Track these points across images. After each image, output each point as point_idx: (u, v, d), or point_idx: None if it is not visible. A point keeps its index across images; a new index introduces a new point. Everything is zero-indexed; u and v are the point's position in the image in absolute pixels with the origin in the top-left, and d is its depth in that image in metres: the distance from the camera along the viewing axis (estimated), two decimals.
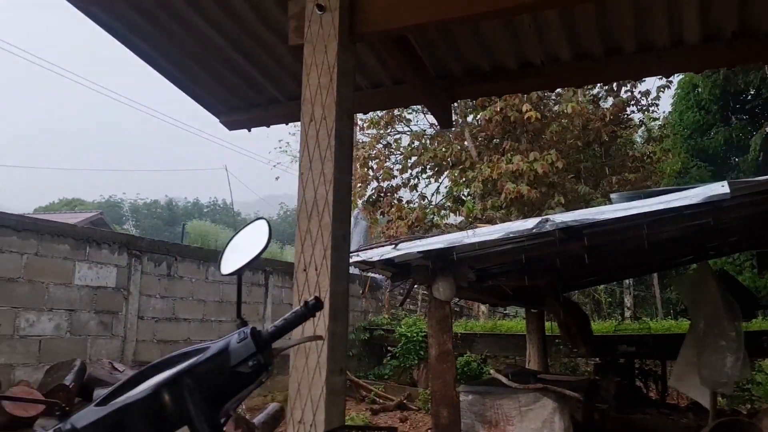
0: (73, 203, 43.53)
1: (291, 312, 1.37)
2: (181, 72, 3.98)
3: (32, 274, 6.01)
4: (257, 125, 4.38)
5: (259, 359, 1.25)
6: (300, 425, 2.54)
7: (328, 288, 2.55)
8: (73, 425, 1.20)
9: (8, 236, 5.81)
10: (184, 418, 1.15)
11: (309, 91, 2.71)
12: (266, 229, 1.51)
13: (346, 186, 2.74)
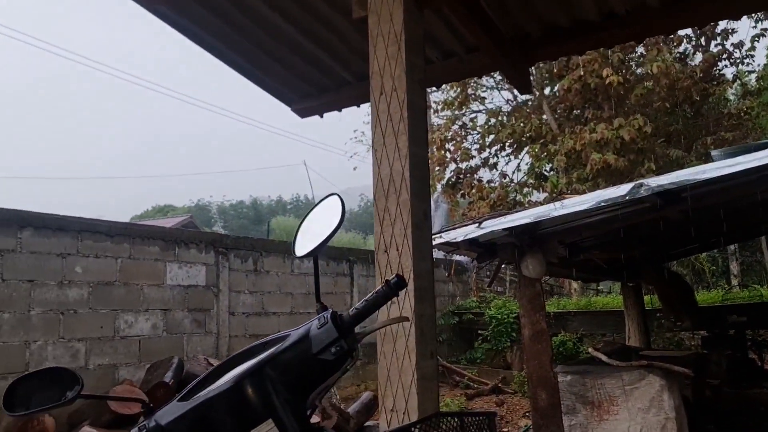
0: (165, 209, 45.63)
1: (372, 292, 1.25)
2: (251, 63, 3.94)
3: (127, 277, 6.23)
4: (329, 110, 4.30)
5: (342, 345, 1.15)
6: (392, 413, 2.42)
7: (411, 268, 2.42)
8: (158, 422, 1.17)
9: (102, 242, 6.03)
10: (268, 409, 1.09)
11: (377, 63, 2.57)
12: (339, 205, 1.39)
13: (422, 160, 2.59)
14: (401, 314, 2.37)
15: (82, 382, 1.64)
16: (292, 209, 54.12)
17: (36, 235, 5.53)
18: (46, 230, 5.60)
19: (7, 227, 5.33)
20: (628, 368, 5.09)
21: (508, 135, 13.69)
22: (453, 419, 1.36)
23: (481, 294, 12.32)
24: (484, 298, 11.99)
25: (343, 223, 1.38)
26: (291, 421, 1.08)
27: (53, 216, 5.74)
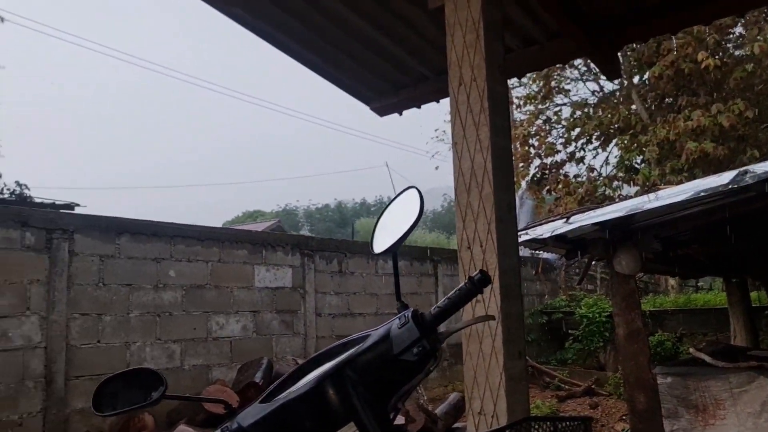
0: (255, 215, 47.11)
1: (455, 290, 1.17)
2: (328, 62, 3.95)
3: (217, 279, 6.42)
4: (407, 107, 4.24)
5: (424, 345, 1.09)
6: (480, 416, 2.32)
7: (496, 264, 2.31)
8: (240, 423, 1.14)
9: (194, 246, 6.25)
10: (349, 412, 1.05)
11: (455, 53, 2.48)
12: (417, 198, 1.32)
13: (505, 151, 2.48)
14: (486, 313, 2.27)
15: (166, 383, 1.64)
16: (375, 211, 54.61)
17: (132, 241, 5.79)
18: (142, 236, 5.85)
19: (106, 234, 5.61)
20: (736, 370, 4.75)
21: (595, 127, 13.18)
22: (545, 424, 1.27)
23: (570, 292, 11.91)
24: (573, 297, 11.58)
25: (426, 223, 1.30)
26: (372, 423, 1.04)
27: (148, 222, 5.99)
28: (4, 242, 4.98)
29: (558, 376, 9.10)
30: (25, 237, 5.11)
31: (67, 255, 5.31)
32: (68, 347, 5.25)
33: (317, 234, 49.75)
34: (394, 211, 1.39)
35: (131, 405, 1.66)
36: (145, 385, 1.62)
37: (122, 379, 1.64)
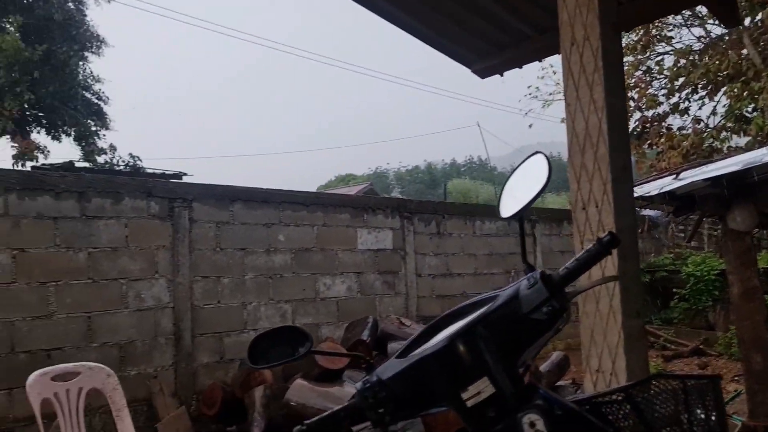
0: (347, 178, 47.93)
1: (583, 251, 1.21)
2: (428, 26, 3.98)
3: (323, 243, 6.69)
4: (509, 67, 4.21)
5: (553, 305, 1.13)
6: (598, 374, 2.37)
7: (612, 225, 2.32)
8: (379, 377, 1.23)
9: (300, 211, 6.53)
10: (481, 368, 1.11)
11: (566, 12, 2.47)
12: (545, 164, 1.35)
13: (620, 110, 2.46)
14: (604, 273, 2.30)
15: (312, 339, 1.81)
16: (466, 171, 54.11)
17: (245, 208, 6.13)
18: (253, 203, 6.18)
19: (221, 202, 5.96)
20: None
21: (701, 75, 12.38)
22: (675, 382, 1.30)
23: (676, 250, 11.45)
24: (679, 255, 11.14)
25: None
26: (504, 378, 1.10)
27: (258, 190, 6.31)
28: (133, 211, 5.42)
29: (663, 335, 8.87)
30: (151, 206, 5.53)
31: (188, 222, 5.71)
32: (192, 307, 5.68)
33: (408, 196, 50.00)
34: (520, 176, 1.43)
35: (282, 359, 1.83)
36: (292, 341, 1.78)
37: (272, 335, 1.81)
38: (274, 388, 5.32)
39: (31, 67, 15.49)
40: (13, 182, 4.84)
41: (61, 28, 17.21)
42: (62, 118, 17.85)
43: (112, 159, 17.77)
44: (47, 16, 17.00)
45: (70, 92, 17.47)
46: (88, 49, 18.44)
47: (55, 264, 4.98)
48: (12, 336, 4.73)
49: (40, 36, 16.74)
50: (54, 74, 16.60)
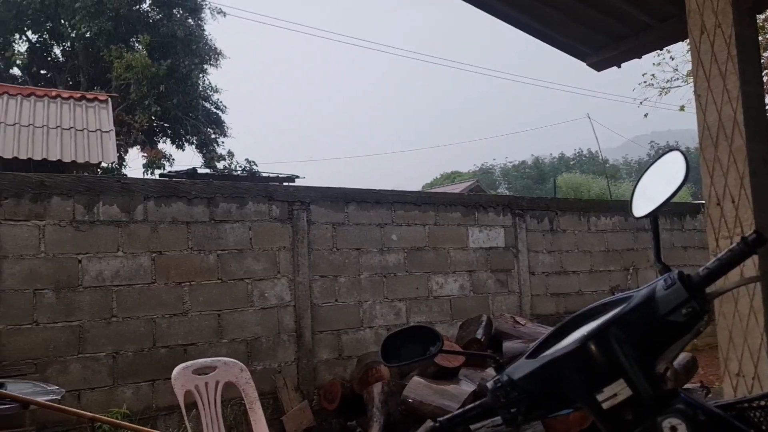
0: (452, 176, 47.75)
1: (726, 250, 1.17)
2: (542, 23, 3.93)
3: (435, 241, 6.75)
4: (627, 58, 4.07)
5: (693, 306, 1.09)
6: (738, 378, 2.26)
7: (751, 221, 2.20)
8: (510, 377, 1.24)
9: (411, 211, 6.62)
10: (617, 370, 1.09)
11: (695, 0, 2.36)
12: (681, 161, 1.31)
13: (758, 99, 2.32)
14: (743, 273, 2.18)
15: (443, 339, 1.85)
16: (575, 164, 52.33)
17: (358, 209, 6.30)
18: (366, 204, 6.34)
19: (336, 203, 6.17)
20: None
21: None
22: None
23: None
24: None
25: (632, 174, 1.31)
26: (642, 381, 1.08)
27: (371, 191, 6.47)
28: (257, 215, 5.73)
29: None
30: (272, 210, 5.82)
31: (306, 224, 5.95)
32: (312, 305, 5.91)
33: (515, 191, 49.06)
34: (654, 174, 1.40)
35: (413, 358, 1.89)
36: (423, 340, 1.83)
37: (404, 334, 1.87)
38: (391, 385, 5.44)
39: (158, 82, 16.65)
40: (151, 191, 5.27)
41: (183, 44, 18.41)
42: (185, 128, 19.07)
43: (231, 164, 18.76)
44: (171, 34, 18.24)
45: (192, 103, 18.63)
46: (207, 61, 19.60)
47: (189, 265, 5.36)
48: (153, 332, 5.15)
49: (164, 52, 17.99)
50: (177, 87, 17.77)
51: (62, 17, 18.12)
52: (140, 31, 17.88)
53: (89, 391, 4.85)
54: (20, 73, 19.05)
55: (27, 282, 4.71)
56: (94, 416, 2.31)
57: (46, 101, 11.67)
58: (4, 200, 4.68)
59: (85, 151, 11.04)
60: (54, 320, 4.77)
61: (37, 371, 4.63)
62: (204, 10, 19.81)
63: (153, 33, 17.99)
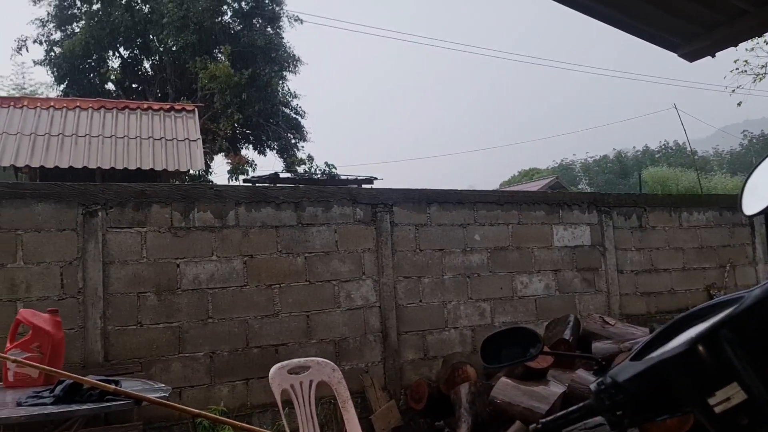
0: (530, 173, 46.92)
1: None
2: (630, 15, 3.82)
3: (518, 241, 6.68)
4: (722, 47, 3.90)
5: None
6: None
7: None
8: (614, 379, 1.23)
9: (494, 210, 6.58)
10: (730, 373, 1.06)
11: None
12: None
13: None
14: None
15: (542, 341, 1.85)
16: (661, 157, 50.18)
17: (441, 210, 6.32)
18: (448, 204, 6.35)
19: (418, 205, 6.22)
20: None
21: None
22: None
23: None
24: None
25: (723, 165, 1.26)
26: (757, 384, 1.04)
27: (453, 192, 6.47)
28: (342, 218, 5.85)
29: None
30: (356, 212, 5.93)
31: (389, 225, 6.03)
32: (397, 306, 5.98)
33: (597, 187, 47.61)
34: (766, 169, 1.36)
35: (513, 359, 1.89)
36: (521, 342, 1.83)
37: (502, 335, 1.88)
38: (478, 385, 5.43)
39: (240, 90, 17.28)
40: (241, 197, 5.49)
41: (263, 53, 19.01)
42: (266, 134, 19.69)
43: (310, 168, 19.20)
44: (251, 43, 18.87)
45: (273, 110, 19.20)
46: (286, 68, 20.16)
47: (278, 268, 5.54)
48: (247, 332, 5.36)
49: (245, 61, 18.62)
50: (258, 95, 18.37)
51: (151, 33, 19.10)
52: (222, 42, 18.59)
53: (189, 389, 5.11)
54: (114, 87, 20.20)
55: (131, 285, 5.01)
56: (199, 413, 2.45)
57: (138, 113, 12.35)
58: (110, 209, 5.00)
59: (175, 160, 11.60)
60: (156, 321, 5.06)
61: (142, 369, 4.92)
62: (282, 18, 20.39)
63: (234, 43, 18.67)
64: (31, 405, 2.84)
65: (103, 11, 19.17)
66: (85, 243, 4.88)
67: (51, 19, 19.99)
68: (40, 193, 4.84)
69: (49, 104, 11.91)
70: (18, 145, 10.66)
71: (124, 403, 2.89)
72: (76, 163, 10.66)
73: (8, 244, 4.68)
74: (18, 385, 3.52)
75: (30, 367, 3.42)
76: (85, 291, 4.84)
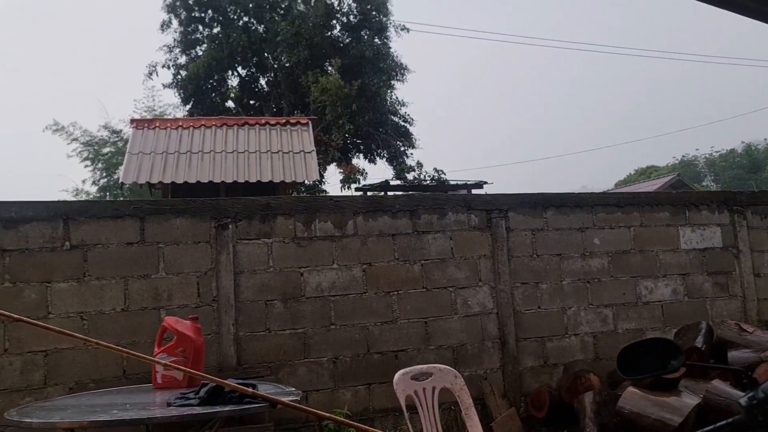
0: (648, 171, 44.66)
1: None
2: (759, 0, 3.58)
3: (641, 244, 6.40)
4: None
5: None
6: None
7: None
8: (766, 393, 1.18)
9: (614, 213, 6.35)
10: None
11: None
12: None
13: None
14: None
15: (684, 352, 1.79)
16: None
17: (557, 214, 6.19)
18: (566, 208, 6.21)
19: (534, 209, 6.12)
20: None
21: None
22: None
23: None
24: None
25: None
26: None
27: (570, 195, 6.32)
28: (457, 225, 5.88)
29: None
30: (471, 219, 5.94)
31: (505, 231, 5.98)
32: (515, 312, 5.92)
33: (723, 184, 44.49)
34: None
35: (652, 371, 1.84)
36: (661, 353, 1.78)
37: (640, 346, 1.84)
38: (603, 395, 5.26)
39: (350, 101, 17.74)
40: (359, 206, 5.65)
41: (371, 63, 19.43)
42: (376, 143, 20.06)
43: (420, 175, 19.32)
44: (360, 55, 19.35)
45: (382, 119, 19.56)
46: (394, 77, 20.49)
47: (396, 275, 5.65)
48: (367, 338, 5.51)
49: (355, 73, 19.11)
50: (368, 104, 18.78)
51: (266, 51, 20.07)
52: (332, 56, 19.19)
53: (314, 393, 5.32)
54: (233, 105, 21.39)
55: (260, 294, 5.30)
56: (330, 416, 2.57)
57: (257, 128, 13.01)
58: (239, 222, 5.33)
59: (292, 171, 12.10)
60: (283, 328, 5.32)
61: (271, 373, 5.18)
62: (389, 29, 20.74)
63: (344, 56, 19.22)
64: (179, 406, 3.09)
65: (222, 34, 20.39)
66: (218, 254, 5.23)
67: (177, 45, 21.51)
68: (177, 208, 5.24)
69: (177, 124, 12.81)
70: (152, 163, 11.55)
71: (261, 406, 3.08)
72: (203, 178, 11.38)
73: (152, 256, 5.11)
74: (165, 387, 3.83)
75: (176, 370, 3.72)
76: (218, 299, 5.19)
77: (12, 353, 4.73)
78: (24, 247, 4.85)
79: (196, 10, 21.11)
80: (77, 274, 4.94)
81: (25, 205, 4.92)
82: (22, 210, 4.89)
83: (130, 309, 5.00)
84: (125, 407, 3.28)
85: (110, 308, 4.97)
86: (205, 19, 21.24)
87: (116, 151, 21.84)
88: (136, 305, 5.02)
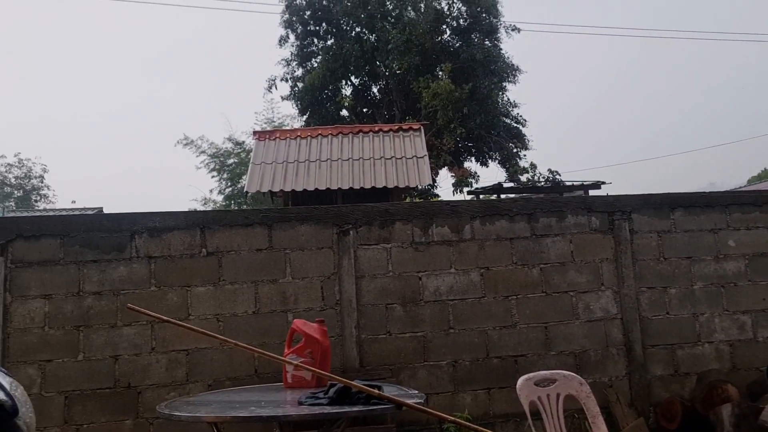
0: None
1: None
2: None
3: None
4: None
5: None
6: None
7: None
8: None
9: (751, 213, 5.92)
10: None
11: None
12: None
13: None
14: None
15: None
16: None
17: (686, 215, 5.87)
18: (695, 209, 5.88)
19: (660, 210, 5.85)
20: None
21: None
22: None
23: None
24: None
25: None
26: None
27: (700, 194, 5.98)
28: (577, 227, 5.74)
29: None
30: (591, 221, 5.77)
31: (628, 233, 5.76)
32: (640, 318, 5.67)
33: None
34: None
35: None
36: None
37: None
38: (743, 407, 4.94)
39: (461, 105, 17.72)
40: (476, 211, 5.67)
41: (482, 66, 19.32)
42: (488, 145, 19.91)
43: (533, 176, 18.94)
44: (470, 58, 19.30)
45: (493, 121, 19.38)
46: (506, 79, 20.24)
47: (514, 279, 5.61)
48: (486, 343, 5.50)
49: (465, 76, 19.07)
50: (479, 107, 18.68)
51: (378, 59, 20.50)
52: (443, 60, 19.27)
53: (434, 396, 5.38)
54: (347, 113, 22.02)
55: (380, 297, 5.45)
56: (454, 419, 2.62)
57: (370, 136, 13.32)
58: (359, 228, 5.51)
59: (405, 177, 12.27)
60: (403, 331, 5.43)
61: (393, 376, 5.30)
62: (499, 30, 20.53)
63: (454, 60, 19.24)
64: (311, 404, 3.26)
65: (336, 45, 21.07)
66: (340, 259, 5.43)
67: (294, 58, 22.49)
68: (302, 216, 5.51)
69: (296, 134, 13.38)
70: (273, 172, 12.14)
71: (388, 407, 3.18)
72: (320, 186, 11.81)
73: (279, 262, 5.40)
74: (295, 386, 4.04)
75: (305, 371, 3.91)
76: (341, 303, 5.39)
77: (158, 351, 5.17)
78: (167, 254, 5.30)
79: (311, 23, 21.97)
80: (213, 279, 5.32)
81: (166, 215, 5.36)
82: (164, 220, 5.34)
83: (260, 311, 5.31)
84: (260, 404, 3.50)
85: (243, 311, 5.30)
86: (320, 32, 22.04)
87: (239, 161, 23.16)
88: (266, 308, 5.33)
